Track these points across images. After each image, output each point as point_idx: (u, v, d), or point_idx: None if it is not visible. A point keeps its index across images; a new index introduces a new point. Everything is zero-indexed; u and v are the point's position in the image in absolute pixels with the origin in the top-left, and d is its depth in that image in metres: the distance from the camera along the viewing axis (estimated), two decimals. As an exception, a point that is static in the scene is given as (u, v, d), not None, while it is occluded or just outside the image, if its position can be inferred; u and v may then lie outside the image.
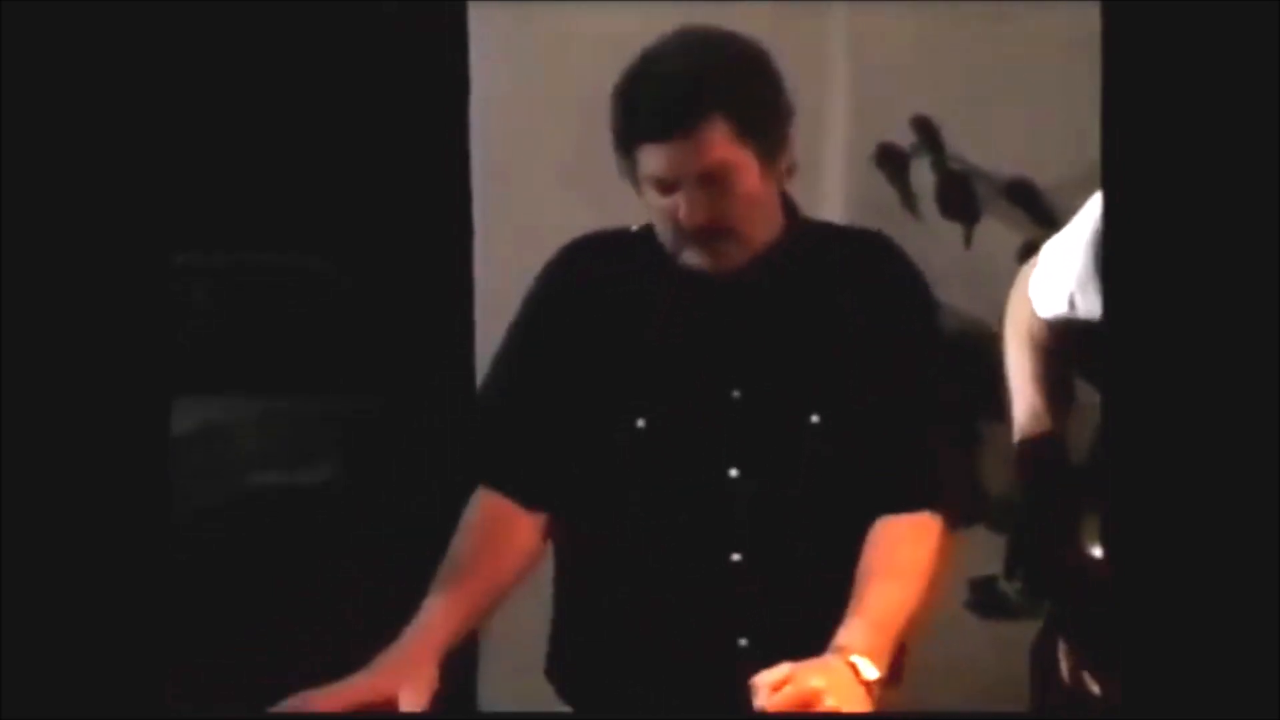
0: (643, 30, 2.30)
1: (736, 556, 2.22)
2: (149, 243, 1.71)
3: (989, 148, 3.40)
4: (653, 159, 2.16)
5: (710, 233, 2.18)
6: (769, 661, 2.13)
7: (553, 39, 3.48)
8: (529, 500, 2.27)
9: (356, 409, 3.90)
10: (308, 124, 3.44)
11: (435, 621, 2.17)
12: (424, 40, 3.54)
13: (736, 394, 2.24)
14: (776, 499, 2.22)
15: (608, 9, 3.38)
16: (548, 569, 2.39)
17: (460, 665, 3.35)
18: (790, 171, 2.28)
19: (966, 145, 3.40)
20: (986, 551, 3.28)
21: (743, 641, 2.21)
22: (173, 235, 1.75)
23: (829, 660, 2.04)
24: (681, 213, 2.17)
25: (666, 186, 2.17)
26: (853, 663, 2.04)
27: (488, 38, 3.51)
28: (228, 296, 4.03)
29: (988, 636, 3.22)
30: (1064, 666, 2.28)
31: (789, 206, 2.32)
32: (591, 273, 2.33)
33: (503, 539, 2.25)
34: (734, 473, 2.22)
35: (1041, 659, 2.34)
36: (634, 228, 2.34)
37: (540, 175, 3.50)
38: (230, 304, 4.05)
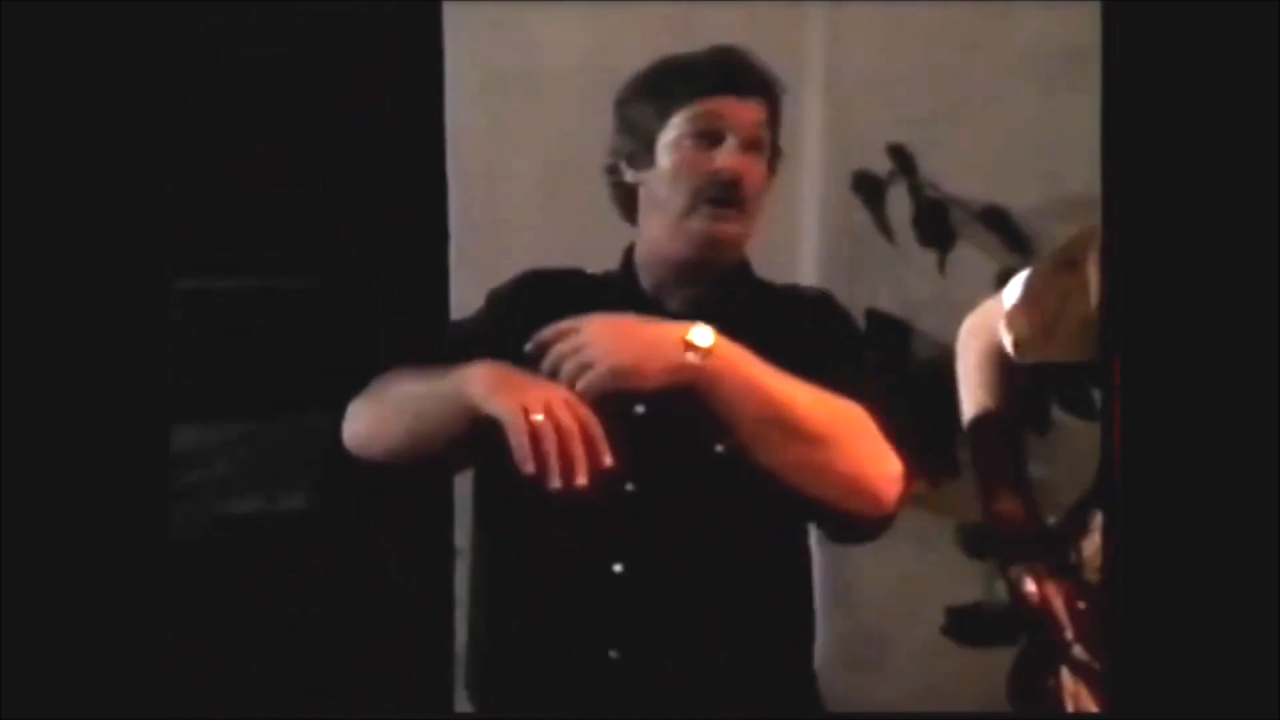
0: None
1: (618, 567, 2.20)
2: (148, 270, 1.71)
3: (963, 175, 3.42)
4: (712, 109, 2.23)
5: (733, 192, 2.21)
6: (639, 675, 2.15)
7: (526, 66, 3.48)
8: None
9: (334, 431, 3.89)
10: (281, 148, 3.44)
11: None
12: (396, 74, 3.54)
13: (640, 409, 2.21)
14: (668, 515, 2.20)
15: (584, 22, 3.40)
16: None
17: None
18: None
19: (941, 172, 3.42)
20: (964, 578, 3.30)
21: (613, 653, 2.19)
22: (173, 262, 1.74)
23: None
24: (722, 159, 2.21)
25: (712, 139, 2.23)
26: (686, 337, 2.06)
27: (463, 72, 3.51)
28: (201, 320, 4.01)
29: (965, 662, 3.23)
30: (1064, 692, 2.29)
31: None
32: (539, 300, 2.30)
33: None
34: (630, 487, 2.19)
35: (1019, 687, 2.35)
36: (590, 270, 2.35)
37: (516, 196, 3.50)
38: (204, 327, 4.04)
